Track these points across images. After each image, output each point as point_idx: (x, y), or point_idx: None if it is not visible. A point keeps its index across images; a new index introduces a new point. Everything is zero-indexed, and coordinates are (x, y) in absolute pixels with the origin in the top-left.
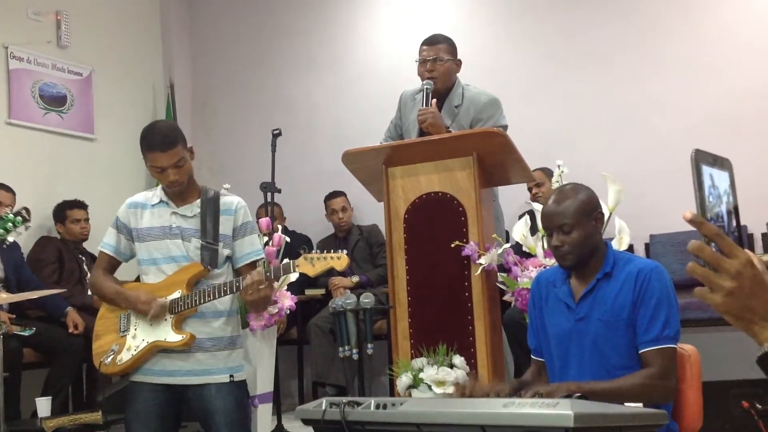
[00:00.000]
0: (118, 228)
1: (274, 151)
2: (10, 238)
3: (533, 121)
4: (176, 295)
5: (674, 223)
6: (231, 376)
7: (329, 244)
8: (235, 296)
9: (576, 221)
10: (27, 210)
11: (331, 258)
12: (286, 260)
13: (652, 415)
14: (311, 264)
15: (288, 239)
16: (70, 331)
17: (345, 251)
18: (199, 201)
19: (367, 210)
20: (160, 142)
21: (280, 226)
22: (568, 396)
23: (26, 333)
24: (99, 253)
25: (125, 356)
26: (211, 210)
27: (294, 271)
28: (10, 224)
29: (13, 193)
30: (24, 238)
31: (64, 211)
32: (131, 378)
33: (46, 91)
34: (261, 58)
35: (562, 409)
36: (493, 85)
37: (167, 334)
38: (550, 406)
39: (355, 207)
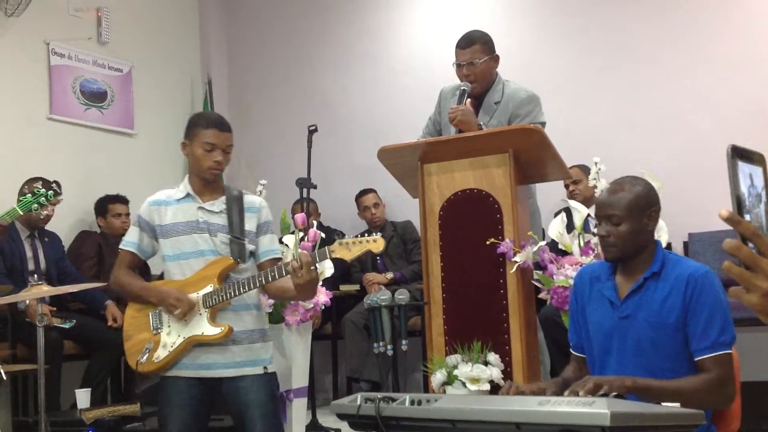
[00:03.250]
0: (140, 226)
1: (310, 147)
2: (44, 213)
3: (571, 118)
4: (208, 289)
5: (714, 221)
6: (264, 368)
7: None
8: (260, 290)
9: (626, 215)
10: (57, 183)
11: (367, 241)
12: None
13: (689, 416)
14: (347, 248)
15: (323, 235)
16: (109, 324)
17: (381, 234)
18: (224, 198)
19: (401, 206)
20: (219, 121)
21: (315, 222)
22: (605, 394)
23: (66, 326)
24: (120, 251)
25: (162, 353)
26: (237, 207)
27: (329, 256)
28: (42, 198)
29: None
30: (65, 232)
31: (106, 205)
32: (165, 373)
33: (86, 86)
34: (297, 54)
35: (599, 408)
36: (530, 80)
37: (204, 328)
38: (586, 405)
39: (388, 203)
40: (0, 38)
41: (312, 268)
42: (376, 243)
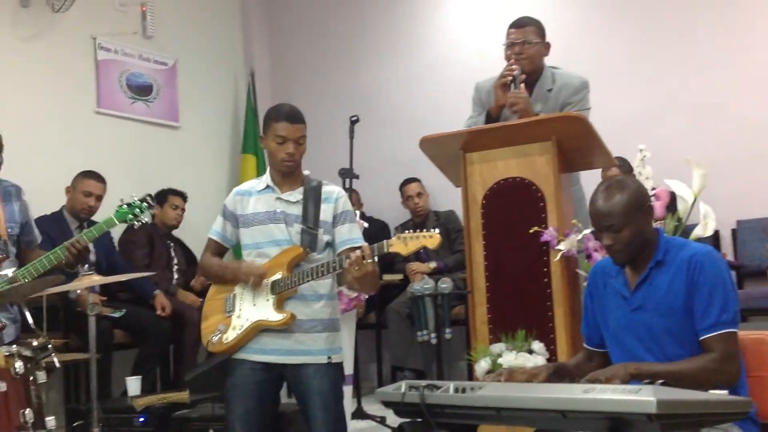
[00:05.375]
0: (225, 215)
1: (352, 137)
2: (144, 220)
3: (616, 105)
4: (277, 276)
5: (763, 208)
6: (329, 357)
7: (406, 229)
8: (334, 280)
9: (625, 220)
10: (151, 196)
11: (424, 237)
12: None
13: (736, 403)
14: (404, 243)
15: (366, 225)
16: (158, 313)
17: (437, 230)
18: (302, 188)
19: (444, 195)
20: (289, 113)
21: (358, 212)
22: (651, 381)
23: (117, 315)
24: (207, 239)
25: (231, 335)
26: (313, 197)
27: (387, 250)
28: (137, 210)
29: (104, 182)
30: None
31: (166, 195)
32: (234, 355)
33: (132, 80)
34: (338, 46)
35: (645, 396)
36: (574, 68)
37: (269, 313)
38: (632, 392)
39: (431, 193)
40: (48, 34)
41: (370, 261)
42: (432, 239)
